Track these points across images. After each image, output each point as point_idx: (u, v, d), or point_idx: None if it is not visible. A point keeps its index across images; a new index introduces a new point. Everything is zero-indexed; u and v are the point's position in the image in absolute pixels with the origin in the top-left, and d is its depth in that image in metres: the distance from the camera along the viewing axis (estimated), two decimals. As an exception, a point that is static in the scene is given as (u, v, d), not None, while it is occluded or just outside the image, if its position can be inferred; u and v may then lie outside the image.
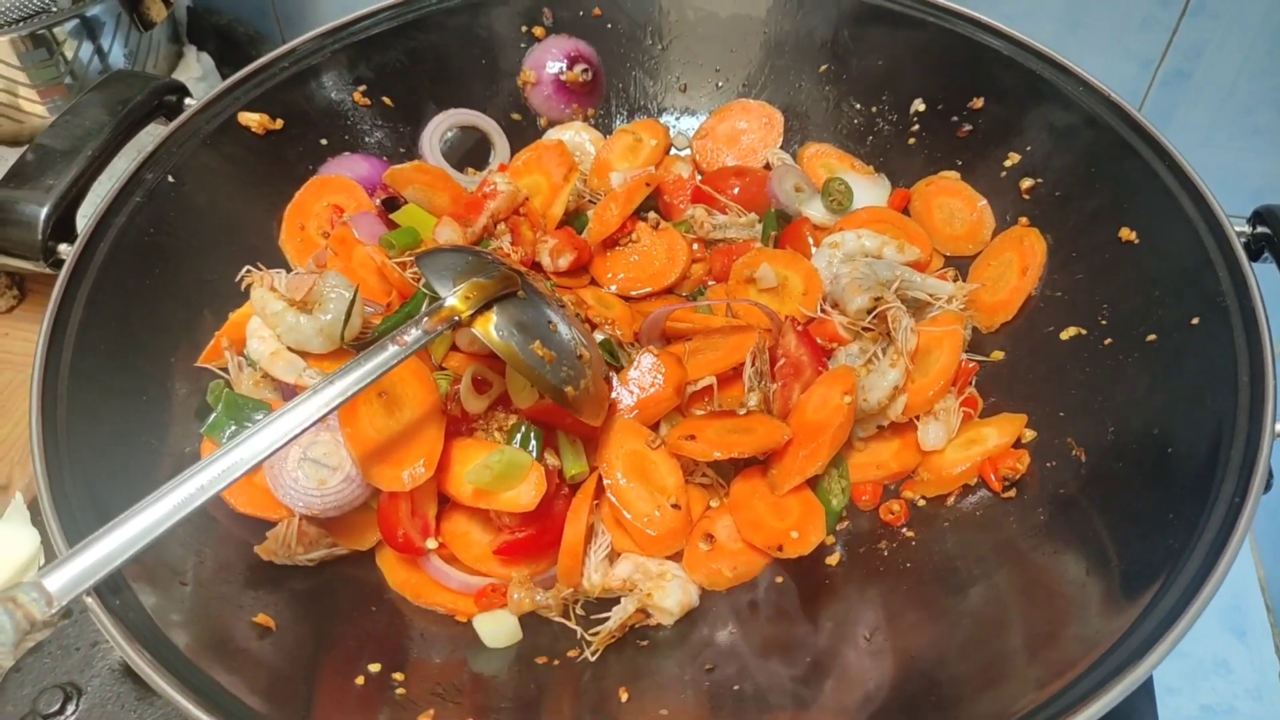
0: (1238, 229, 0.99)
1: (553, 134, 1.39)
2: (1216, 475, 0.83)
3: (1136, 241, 1.05)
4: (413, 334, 0.89)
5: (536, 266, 1.22)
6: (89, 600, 0.78)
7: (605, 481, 1.02)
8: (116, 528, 0.74)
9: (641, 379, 1.07)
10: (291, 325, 1.05)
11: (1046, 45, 1.50)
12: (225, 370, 1.08)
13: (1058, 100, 1.17)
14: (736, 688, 0.89)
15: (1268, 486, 0.82)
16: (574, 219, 1.29)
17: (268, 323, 1.06)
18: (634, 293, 1.23)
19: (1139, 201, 1.06)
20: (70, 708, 0.96)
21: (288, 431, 0.82)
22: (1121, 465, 0.93)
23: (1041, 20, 1.51)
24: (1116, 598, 0.82)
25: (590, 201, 1.31)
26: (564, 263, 1.20)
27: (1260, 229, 1.00)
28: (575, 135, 1.39)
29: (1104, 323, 1.05)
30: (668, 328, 1.15)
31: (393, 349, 0.88)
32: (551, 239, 1.21)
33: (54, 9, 1.40)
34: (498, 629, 0.95)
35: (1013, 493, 1.01)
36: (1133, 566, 0.83)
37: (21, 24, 1.38)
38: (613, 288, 1.23)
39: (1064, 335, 1.08)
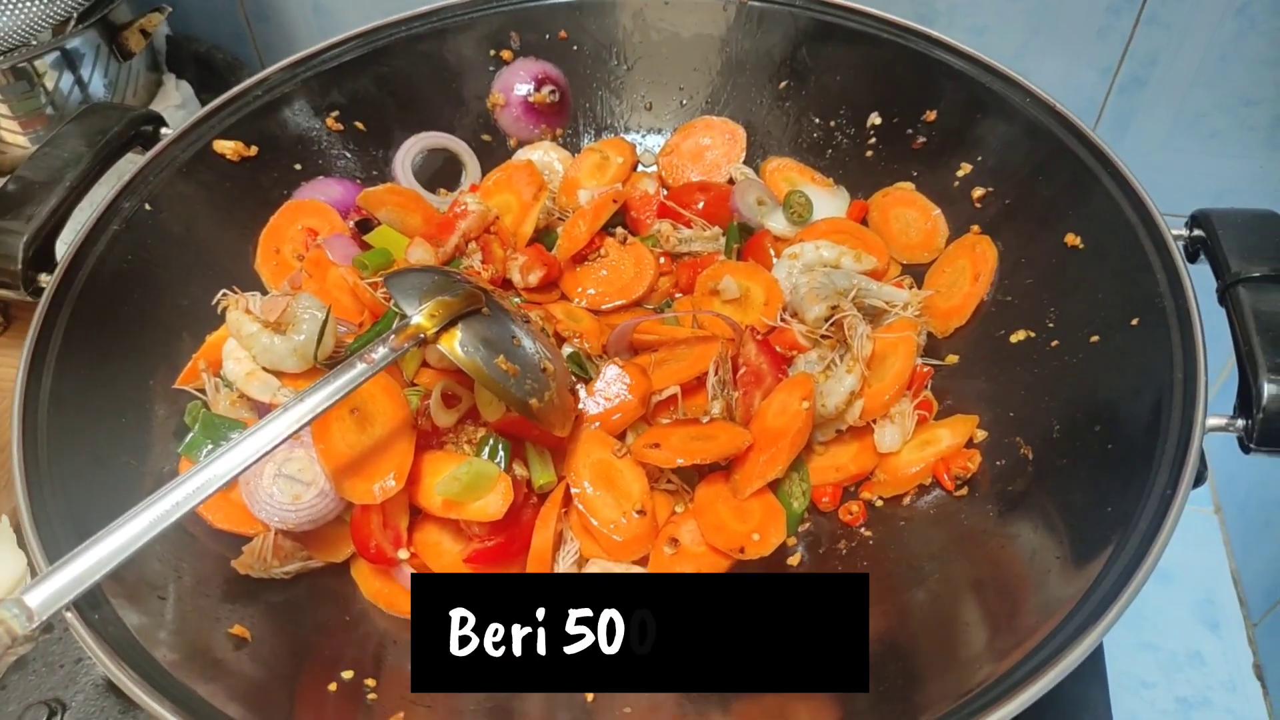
0: (1176, 232, 1.03)
1: (522, 154, 1.43)
2: (1151, 469, 0.86)
3: (1081, 246, 1.09)
4: (380, 352, 0.92)
5: (507, 284, 1.26)
6: (69, 616, 0.80)
7: (573, 490, 1.05)
8: (95, 544, 0.77)
9: (607, 390, 1.11)
10: (266, 346, 1.08)
11: (1009, 56, 1.55)
12: (202, 392, 1.11)
13: (1006, 112, 1.21)
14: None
15: (1201, 480, 0.86)
16: (544, 236, 1.32)
17: (243, 344, 1.10)
18: (603, 306, 1.26)
19: (1083, 208, 1.10)
20: (56, 722, 0.99)
21: (259, 448, 0.85)
22: (1066, 462, 0.97)
23: (1004, 32, 1.55)
24: (1058, 584, 0.85)
25: (560, 219, 1.35)
26: (534, 279, 1.24)
27: (1196, 232, 1.03)
28: (544, 155, 1.43)
29: (1051, 325, 1.08)
30: (635, 339, 1.18)
31: (360, 366, 0.91)
32: (522, 256, 1.25)
33: (34, 42, 1.44)
34: (469, 635, 0.98)
35: (965, 491, 1.04)
36: (1073, 556, 0.87)
37: (2, 57, 1.42)
38: (582, 302, 1.27)
39: (1014, 338, 1.12)
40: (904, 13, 1.31)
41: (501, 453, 1.03)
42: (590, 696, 0.92)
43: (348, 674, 0.91)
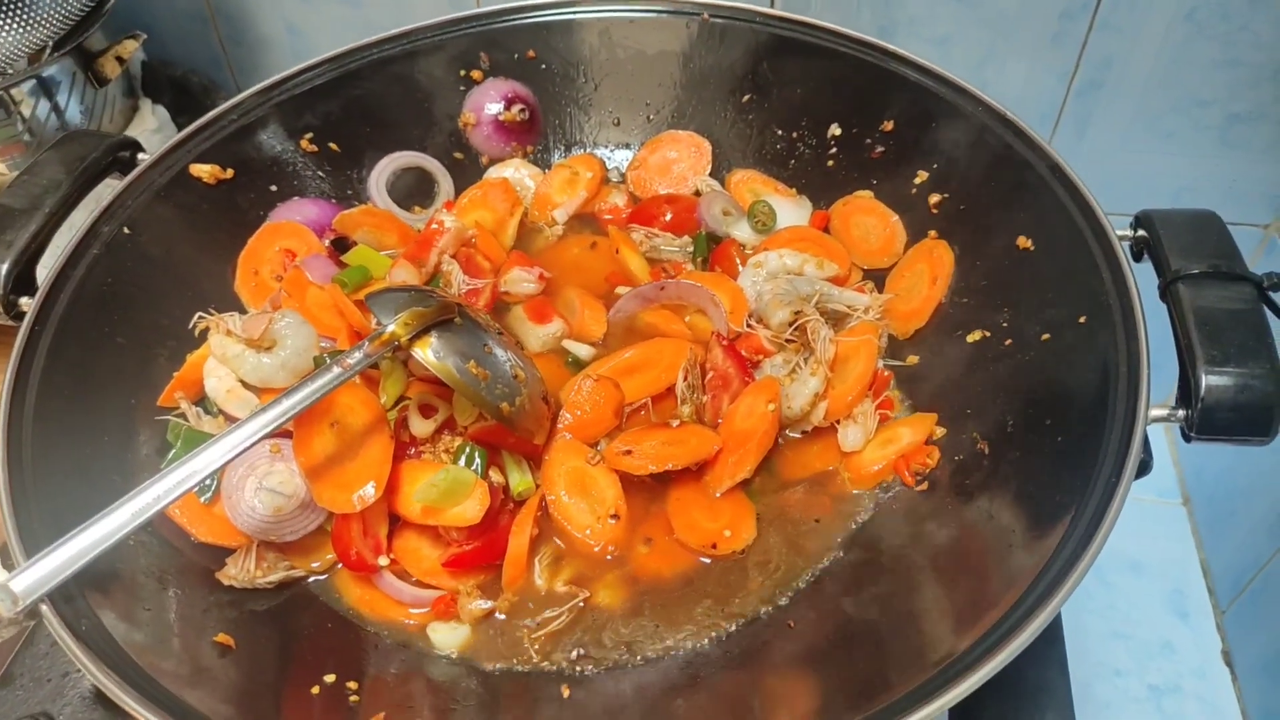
0: (1121, 233, 1.07)
1: (494, 171, 1.46)
2: (1098, 458, 0.90)
3: (1032, 248, 1.13)
4: (355, 356, 0.97)
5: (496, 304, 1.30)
6: (57, 627, 0.83)
7: (548, 498, 1.08)
8: (77, 535, 0.83)
9: (582, 403, 1.14)
10: (254, 365, 1.11)
11: (973, 64, 1.59)
12: (184, 418, 1.13)
13: (959, 120, 1.24)
14: (672, 675, 0.96)
15: (1145, 469, 0.90)
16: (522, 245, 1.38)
17: (230, 366, 1.12)
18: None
19: (1033, 212, 1.14)
20: (44, 736, 1.01)
21: (237, 445, 0.89)
22: (1019, 454, 1.01)
23: (966, 41, 1.59)
24: (1015, 566, 0.89)
25: (538, 230, 1.41)
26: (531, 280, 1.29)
27: (1140, 232, 1.08)
28: (516, 172, 1.46)
29: (1005, 325, 1.12)
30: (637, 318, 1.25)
31: (336, 370, 0.95)
32: (515, 267, 1.29)
33: (10, 71, 1.46)
34: (450, 637, 1.01)
35: (925, 486, 1.08)
36: (1027, 541, 0.91)
37: (-21, 87, 1.44)
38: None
39: (970, 338, 1.15)
40: (865, 26, 1.35)
41: (478, 460, 1.06)
42: (566, 691, 0.95)
43: (330, 678, 0.94)
